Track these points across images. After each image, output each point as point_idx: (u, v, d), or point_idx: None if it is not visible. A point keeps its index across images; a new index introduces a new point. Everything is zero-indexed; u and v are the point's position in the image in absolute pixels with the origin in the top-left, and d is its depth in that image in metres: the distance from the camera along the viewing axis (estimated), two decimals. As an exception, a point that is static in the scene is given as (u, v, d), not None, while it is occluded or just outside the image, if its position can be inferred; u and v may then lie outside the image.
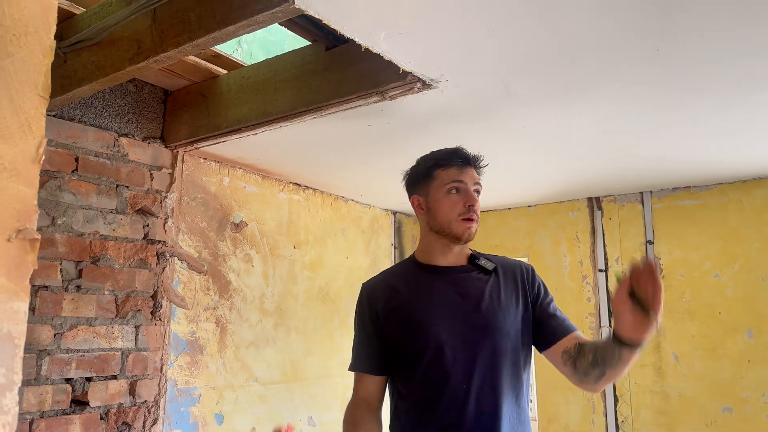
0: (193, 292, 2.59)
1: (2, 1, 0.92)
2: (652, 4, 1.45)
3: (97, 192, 2.29)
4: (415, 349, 1.64)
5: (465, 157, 1.69)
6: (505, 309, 1.65)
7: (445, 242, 1.70)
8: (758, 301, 2.89)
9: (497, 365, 1.60)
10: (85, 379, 2.20)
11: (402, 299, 1.70)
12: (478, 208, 1.68)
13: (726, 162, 2.73)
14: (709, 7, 1.46)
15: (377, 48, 1.66)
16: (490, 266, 1.71)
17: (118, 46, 1.85)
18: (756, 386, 2.84)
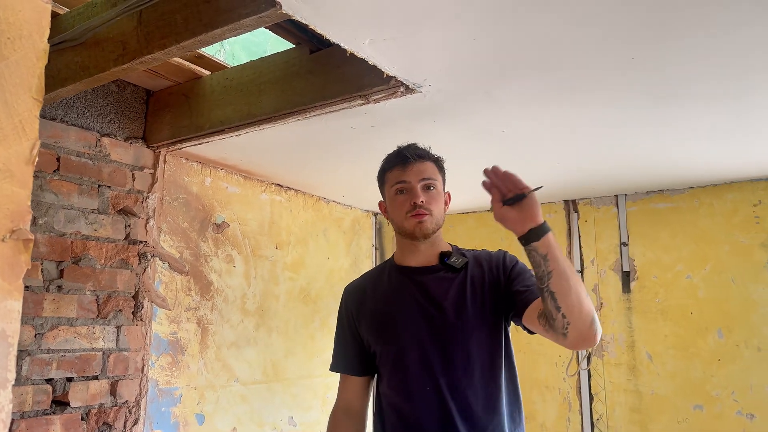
0: (174, 292, 2.59)
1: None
2: (627, 14, 1.50)
3: (78, 192, 2.28)
4: (383, 353, 1.70)
5: (405, 157, 1.69)
6: (470, 308, 1.64)
7: (409, 241, 1.73)
8: (728, 302, 2.97)
9: (462, 366, 1.60)
10: (66, 379, 2.20)
11: (373, 302, 1.76)
12: (431, 200, 1.67)
13: (698, 166, 2.81)
14: (680, 19, 1.52)
15: (362, 53, 1.69)
16: (459, 264, 1.69)
17: (103, 47, 1.86)
18: (726, 384, 2.93)
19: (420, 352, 1.64)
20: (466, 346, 1.62)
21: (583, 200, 3.42)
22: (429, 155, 1.74)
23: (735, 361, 2.92)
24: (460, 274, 1.70)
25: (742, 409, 2.88)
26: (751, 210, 2.97)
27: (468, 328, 1.63)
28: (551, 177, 3.01)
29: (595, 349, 3.27)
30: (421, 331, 1.65)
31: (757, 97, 2.00)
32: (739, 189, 3.01)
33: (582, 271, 3.36)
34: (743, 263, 2.96)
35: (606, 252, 3.32)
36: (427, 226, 1.67)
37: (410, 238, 1.71)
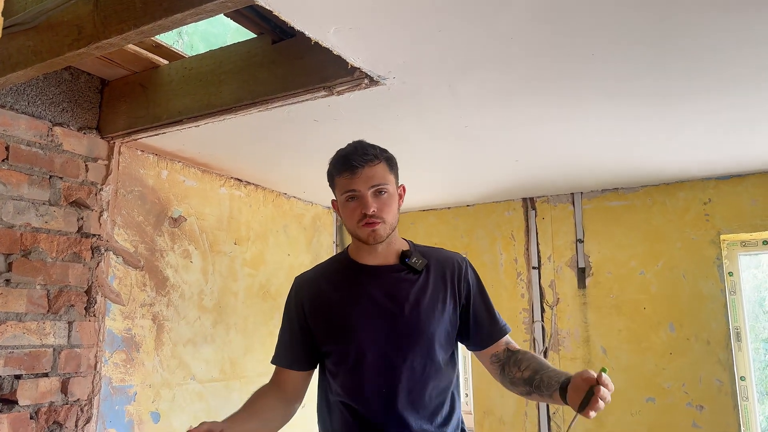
0: (128, 287, 2.52)
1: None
2: (588, 12, 1.53)
3: (29, 182, 2.20)
4: (337, 351, 1.65)
5: (352, 165, 1.60)
6: (431, 311, 1.64)
7: (362, 243, 1.67)
8: (679, 297, 3.06)
9: (422, 370, 1.61)
10: (14, 377, 2.11)
11: (329, 297, 1.68)
12: (383, 207, 1.62)
13: (652, 165, 2.89)
14: (637, 19, 1.56)
15: (327, 42, 1.67)
16: (419, 265, 1.68)
17: (57, 31, 1.79)
18: (677, 377, 3.01)
19: (378, 353, 1.61)
20: (425, 349, 1.62)
21: (541, 198, 3.48)
22: (377, 156, 1.63)
23: (685, 354, 3.01)
24: (421, 276, 1.68)
25: (692, 400, 2.97)
26: (702, 208, 3.07)
27: (427, 332, 1.62)
28: (510, 174, 3.05)
29: (551, 343, 3.32)
30: (379, 332, 1.62)
31: (707, 97, 2.07)
32: (691, 188, 3.11)
33: (539, 268, 3.42)
34: (694, 259, 3.06)
35: (562, 249, 3.38)
36: (380, 234, 1.62)
37: (364, 243, 1.67)
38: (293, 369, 1.72)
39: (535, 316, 3.38)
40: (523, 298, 3.44)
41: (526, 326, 3.40)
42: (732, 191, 3.01)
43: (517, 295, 3.45)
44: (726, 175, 3.03)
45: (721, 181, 3.05)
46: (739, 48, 1.72)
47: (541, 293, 3.39)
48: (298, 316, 1.72)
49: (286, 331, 1.75)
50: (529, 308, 3.41)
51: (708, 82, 1.95)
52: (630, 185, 3.24)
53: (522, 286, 3.45)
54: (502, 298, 3.48)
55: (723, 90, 2.02)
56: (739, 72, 1.88)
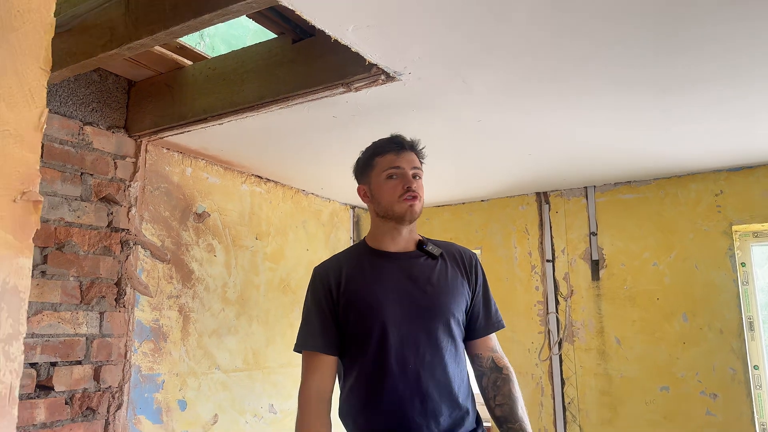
0: (156, 280, 2.62)
1: (7, -22, 0.98)
2: (599, 3, 1.60)
3: (62, 179, 2.31)
4: (364, 330, 1.72)
5: (400, 143, 1.79)
6: (451, 292, 1.77)
7: (392, 226, 1.79)
8: (692, 287, 3.11)
9: (443, 344, 1.71)
10: (50, 364, 2.22)
11: (354, 282, 1.76)
12: (420, 188, 1.78)
13: (663, 158, 2.94)
14: (646, 10, 1.62)
15: (345, 39, 1.76)
16: (436, 252, 1.82)
17: (90, 33, 1.90)
18: (690, 366, 3.06)
19: (401, 331, 1.70)
20: (445, 327, 1.73)
21: (554, 192, 3.54)
22: (417, 146, 1.85)
23: (699, 343, 3.06)
24: (438, 262, 1.81)
25: (706, 389, 3.01)
26: (714, 199, 3.11)
27: (448, 311, 1.74)
28: (523, 169, 3.12)
29: (565, 334, 3.38)
30: (402, 310, 1.72)
31: (717, 88, 2.12)
32: (702, 179, 3.15)
33: (553, 261, 3.48)
34: (706, 250, 3.10)
35: (576, 241, 3.43)
36: (416, 210, 1.76)
37: (397, 221, 1.77)
38: (330, 353, 1.74)
39: (549, 308, 3.44)
40: (537, 291, 3.49)
41: (541, 318, 3.46)
42: (743, 182, 3.05)
43: (531, 287, 3.51)
44: (737, 167, 3.07)
45: (732, 172, 3.09)
46: (748, 38, 1.76)
47: (555, 285, 3.45)
48: (327, 301, 1.77)
49: (316, 316, 1.77)
50: (544, 300, 3.47)
51: (717, 72, 1.99)
52: (642, 178, 3.29)
53: (536, 279, 3.51)
54: (517, 291, 3.54)
55: (732, 80, 2.06)
56: (748, 62, 1.92)
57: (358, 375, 1.75)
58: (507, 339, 3.52)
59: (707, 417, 2.99)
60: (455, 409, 1.71)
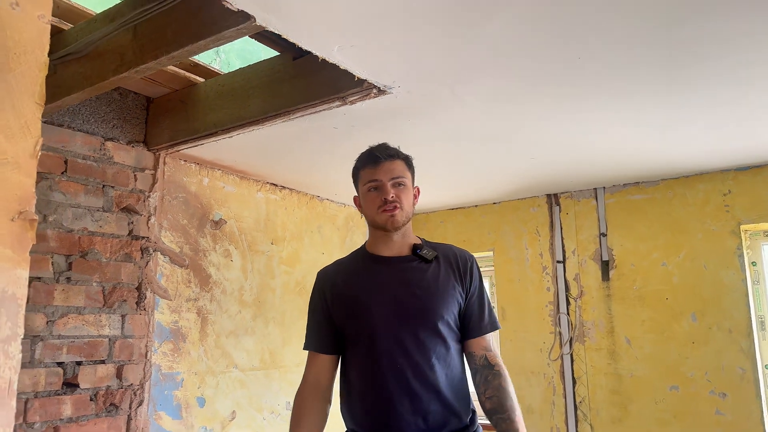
0: (175, 284, 2.79)
1: (5, 26, 1.13)
2: (575, 15, 1.67)
3: (85, 192, 2.48)
4: (355, 331, 1.83)
5: (376, 157, 1.85)
6: (441, 294, 1.83)
7: (382, 233, 1.88)
8: (701, 287, 3.12)
9: (430, 345, 1.78)
10: (76, 363, 2.40)
11: (348, 286, 1.88)
12: (400, 196, 1.83)
13: (671, 159, 2.96)
14: (649, 11, 1.68)
15: (332, 59, 1.87)
16: (430, 256, 1.88)
17: (103, 59, 2.06)
18: (699, 365, 3.08)
19: (393, 333, 1.78)
20: (433, 329, 1.80)
21: (564, 194, 3.59)
22: (398, 154, 1.88)
23: (708, 343, 3.07)
24: (431, 265, 1.88)
25: (715, 388, 3.02)
26: (722, 199, 3.12)
27: (436, 314, 1.81)
28: (531, 172, 3.18)
29: (576, 335, 3.43)
30: (391, 312, 1.80)
31: (723, 90, 2.14)
32: (710, 179, 3.17)
33: (564, 262, 3.53)
34: (715, 250, 3.11)
35: (586, 242, 3.48)
36: (397, 219, 1.83)
37: (383, 230, 1.87)
38: (324, 352, 1.89)
39: (560, 309, 3.49)
40: (548, 292, 3.55)
41: (552, 318, 3.51)
42: (751, 182, 3.05)
43: (542, 288, 3.57)
44: (745, 166, 3.07)
45: (739, 172, 3.10)
46: (751, 37, 1.77)
47: (566, 286, 3.50)
48: (322, 305, 1.91)
49: (314, 320, 1.95)
50: (555, 301, 3.52)
51: (722, 72, 2.01)
52: (651, 179, 3.31)
53: (547, 280, 3.56)
54: (528, 291, 3.61)
55: (737, 80, 2.07)
56: (754, 60, 1.93)
57: (354, 373, 1.86)
58: (519, 339, 3.59)
59: (716, 416, 3.00)
60: (444, 409, 1.78)
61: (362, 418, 1.83)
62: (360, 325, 1.83)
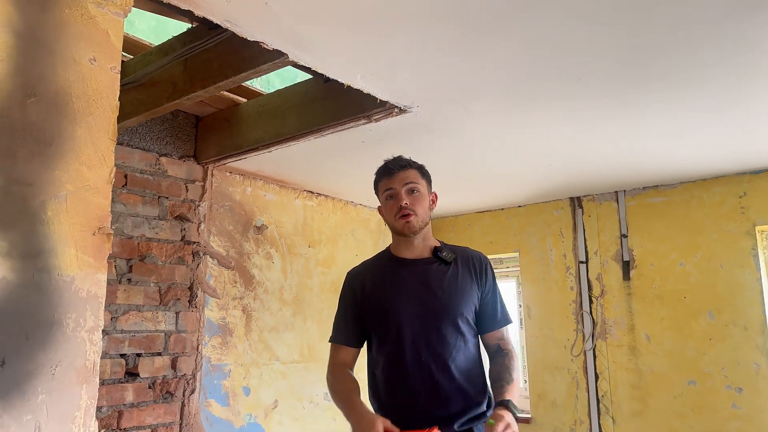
0: (222, 284, 3.08)
1: (86, 78, 1.41)
2: (579, 36, 1.87)
3: (142, 202, 2.79)
4: (382, 329, 2.01)
5: (389, 169, 2.01)
6: (460, 293, 2.00)
7: (403, 238, 2.05)
8: (718, 286, 3.25)
9: (451, 340, 1.96)
10: (136, 354, 2.71)
11: (377, 287, 2.06)
12: (415, 202, 1.99)
13: (689, 162, 3.09)
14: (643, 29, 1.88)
15: (356, 85, 2.12)
16: (449, 258, 2.05)
17: (158, 87, 2.36)
18: (716, 361, 3.21)
19: (414, 329, 1.97)
20: (453, 325, 1.98)
21: (587, 197, 3.75)
22: (411, 164, 2.05)
23: (724, 340, 3.20)
24: (451, 266, 2.06)
25: (732, 383, 3.15)
26: (737, 201, 3.25)
27: (456, 311, 1.99)
28: (552, 176, 3.36)
29: (598, 332, 3.59)
30: (415, 311, 1.99)
31: (737, 96, 2.27)
32: (726, 182, 3.29)
33: (587, 262, 3.69)
34: (731, 250, 3.24)
35: (608, 243, 3.64)
36: (413, 224, 1.99)
37: (401, 235, 2.05)
38: (351, 346, 2.09)
39: (583, 307, 3.66)
40: (572, 291, 3.72)
41: (576, 316, 3.68)
42: (765, 184, 3.17)
43: (566, 288, 3.74)
44: (760, 169, 3.19)
45: (755, 175, 3.21)
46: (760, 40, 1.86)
47: (588, 285, 3.66)
48: (353, 302, 2.10)
49: (343, 315, 2.13)
50: (578, 300, 3.69)
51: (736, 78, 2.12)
52: (669, 182, 3.45)
53: (571, 280, 3.73)
54: (552, 291, 3.78)
55: (751, 85, 2.18)
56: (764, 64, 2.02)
57: (381, 364, 2.05)
58: (544, 336, 3.78)
59: (733, 410, 3.13)
60: (465, 397, 1.96)
61: (389, 408, 1.99)
62: (388, 323, 2.00)
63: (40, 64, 1.33)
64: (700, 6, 1.66)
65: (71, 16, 1.40)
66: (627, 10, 1.67)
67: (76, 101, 1.39)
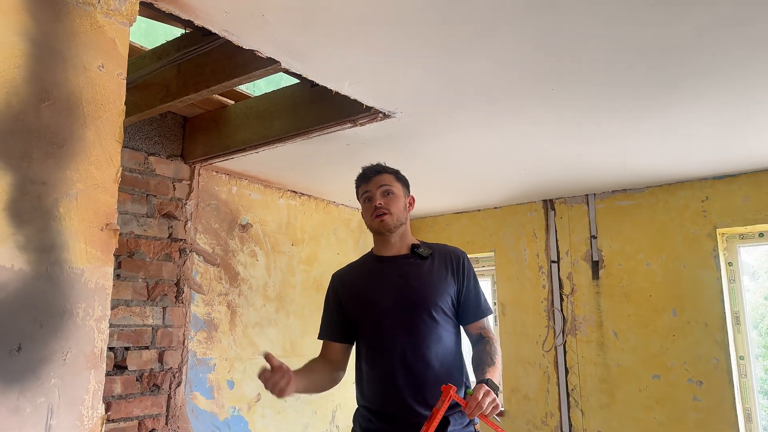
0: (208, 280, 3.17)
1: (94, 84, 1.50)
2: (557, 49, 2.01)
3: (131, 200, 2.87)
4: (364, 320, 2.13)
5: (366, 174, 2.15)
6: (435, 284, 2.12)
7: (381, 237, 2.17)
8: (681, 285, 3.44)
9: (426, 328, 2.07)
10: (124, 348, 2.78)
11: (357, 283, 2.18)
12: (389, 203, 2.10)
13: (655, 168, 3.27)
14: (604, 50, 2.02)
15: (344, 91, 2.24)
16: (426, 253, 2.17)
17: (151, 90, 2.45)
18: (679, 356, 3.39)
19: (392, 319, 2.07)
20: (429, 315, 2.09)
21: (559, 199, 3.91)
22: (386, 169, 2.17)
23: (686, 336, 3.38)
24: (427, 261, 2.18)
25: (693, 377, 3.34)
26: (700, 205, 3.43)
27: (431, 302, 2.10)
28: (527, 180, 3.52)
29: (569, 328, 3.75)
30: (392, 302, 2.09)
31: (701, 107, 2.43)
32: (690, 187, 3.48)
33: (558, 262, 3.86)
34: (693, 251, 3.42)
35: (578, 244, 3.80)
36: (387, 222, 2.11)
37: (379, 234, 2.18)
38: (332, 340, 2.20)
39: (554, 305, 3.82)
40: (544, 289, 3.88)
41: (547, 314, 3.84)
42: (726, 189, 3.36)
43: (539, 286, 3.90)
44: (721, 175, 3.38)
45: (716, 180, 3.40)
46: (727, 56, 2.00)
47: (560, 284, 3.83)
48: (335, 300, 2.22)
49: (327, 313, 2.26)
50: (550, 298, 3.85)
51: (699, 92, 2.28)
52: (637, 186, 3.63)
53: (543, 278, 3.89)
54: (526, 289, 3.94)
55: (714, 99, 2.34)
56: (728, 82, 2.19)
57: (364, 357, 2.17)
58: (517, 333, 3.93)
59: (694, 402, 3.31)
60: (438, 381, 2.03)
61: (369, 393, 2.11)
62: (367, 314, 2.12)
63: (53, 70, 1.42)
64: (664, 24, 1.81)
65: (81, 25, 1.50)
66: (594, 26, 1.82)
67: (86, 105, 1.49)
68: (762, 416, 3.30)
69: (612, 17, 1.75)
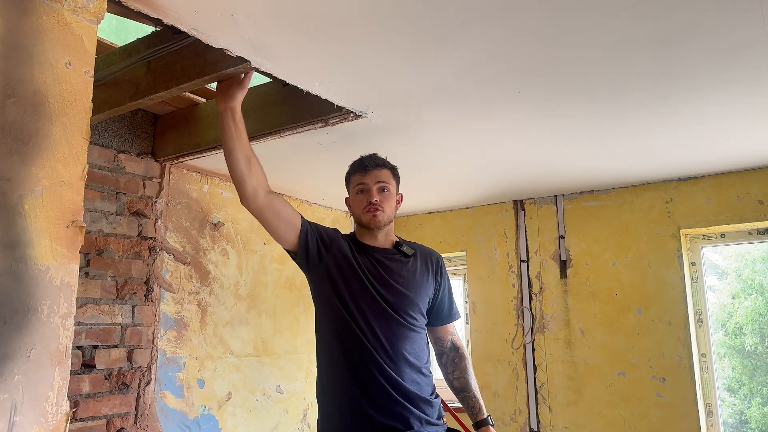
0: (178, 279, 3.16)
1: (61, 81, 1.50)
2: (525, 53, 2.05)
3: (100, 198, 2.85)
4: (339, 303, 2.09)
5: (365, 165, 2.18)
6: (417, 284, 2.17)
7: (366, 230, 2.21)
8: (646, 284, 3.52)
9: (406, 327, 2.11)
10: (93, 347, 2.77)
11: (346, 254, 2.15)
12: (384, 200, 2.14)
13: (621, 170, 3.34)
14: (581, 48, 2.07)
15: (315, 91, 2.26)
16: (409, 252, 2.23)
17: (120, 87, 2.43)
18: (643, 354, 3.47)
19: (373, 311, 2.08)
20: (408, 312, 2.13)
21: (529, 200, 3.98)
22: (385, 164, 2.23)
23: (651, 334, 3.47)
24: (410, 260, 2.23)
25: (656, 374, 3.42)
26: (665, 206, 3.52)
27: (412, 299, 2.15)
28: (498, 181, 3.57)
29: (537, 326, 3.82)
30: (374, 296, 2.10)
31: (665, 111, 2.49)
32: (655, 188, 3.56)
33: (527, 261, 3.92)
34: (658, 251, 3.51)
35: (547, 244, 3.87)
36: (379, 219, 2.16)
37: (366, 228, 2.21)
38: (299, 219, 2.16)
39: (523, 303, 3.88)
40: (513, 288, 3.94)
41: (517, 312, 3.90)
42: (690, 191, 3.45)
43: (509, 285, 3.96)
44: (685, 177, 3.47)
45: (681, 182, 3.49)
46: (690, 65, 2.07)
47: (529, 283, 3.89)
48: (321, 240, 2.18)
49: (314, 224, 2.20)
50: (519, 296, 3.91)
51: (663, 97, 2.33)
52: (604, 187, 3.71)
53: (513, 277, 3.95)
54: (496, 288, 4.00)
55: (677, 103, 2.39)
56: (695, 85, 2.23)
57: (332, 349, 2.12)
58: (487, 330, 3.98)
59: (657, 398, 3.40)
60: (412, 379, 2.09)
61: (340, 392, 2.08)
62: (343, 302, 2.08)
63: (19, 67, 1.42)
64: (627, 32, 1.86)
65: (48, 22, 1.49)
66: (559, 31, 1.86)
67: (52, 102, 1.48)
68: (723, 412, 3.39)
69: (575, 23, 1.80)
